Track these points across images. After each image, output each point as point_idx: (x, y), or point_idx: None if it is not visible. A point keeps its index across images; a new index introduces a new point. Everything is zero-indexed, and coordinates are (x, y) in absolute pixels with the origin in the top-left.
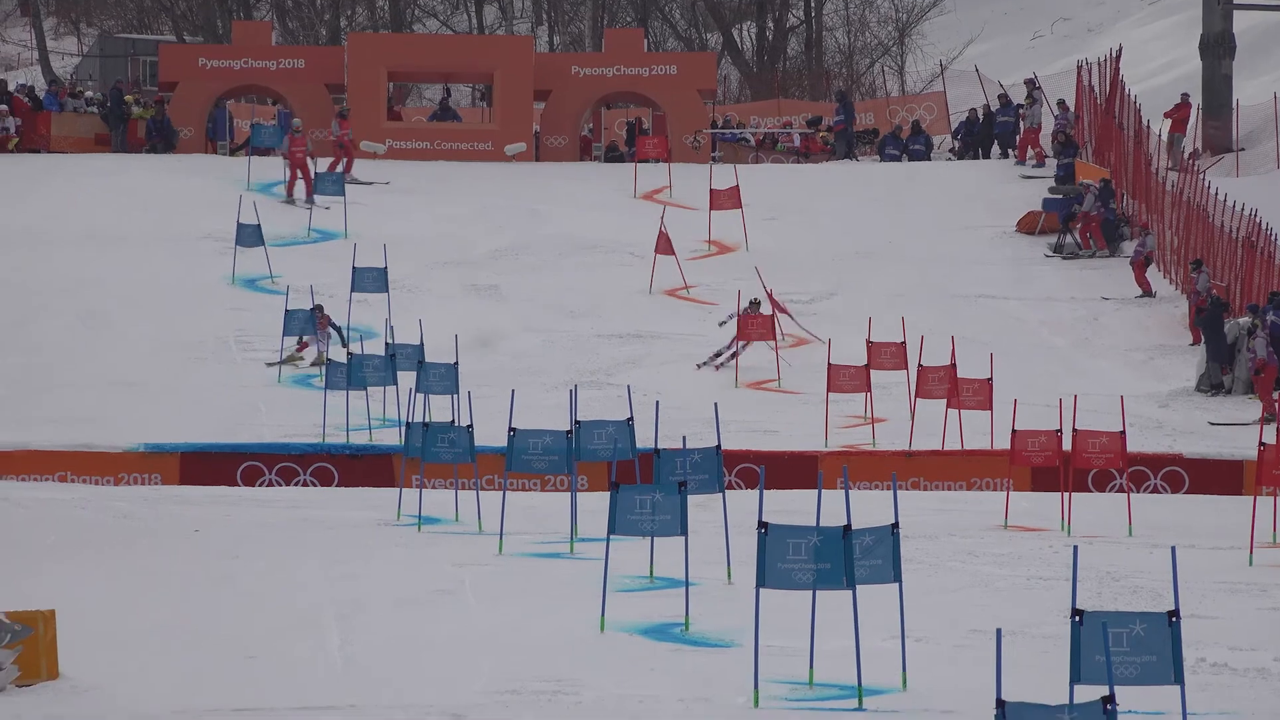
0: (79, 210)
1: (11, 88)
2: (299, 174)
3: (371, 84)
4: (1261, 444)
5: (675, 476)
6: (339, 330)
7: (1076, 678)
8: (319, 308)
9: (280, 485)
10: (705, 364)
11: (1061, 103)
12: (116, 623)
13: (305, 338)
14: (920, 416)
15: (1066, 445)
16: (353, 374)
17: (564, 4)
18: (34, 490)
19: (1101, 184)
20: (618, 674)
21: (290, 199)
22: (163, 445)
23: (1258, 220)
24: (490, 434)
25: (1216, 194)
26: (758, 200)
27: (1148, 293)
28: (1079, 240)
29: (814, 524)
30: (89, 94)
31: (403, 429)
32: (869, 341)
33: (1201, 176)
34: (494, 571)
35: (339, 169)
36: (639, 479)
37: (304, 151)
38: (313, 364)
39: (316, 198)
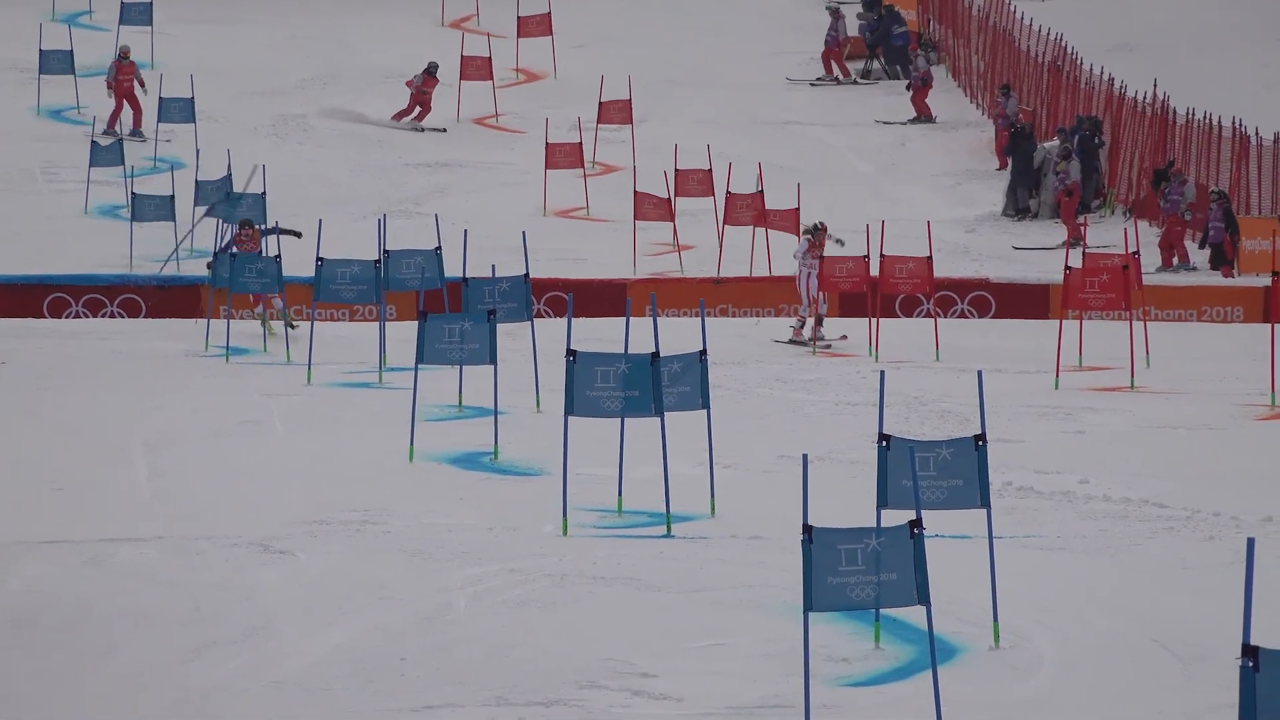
0: None
1: None
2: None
3: None
4: (1067, 268)
5: (484, 305)
6: (275, 232)
7: (884, 502)
8: (248, 224)
9: (87, 317)
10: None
11: None
12: None
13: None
14: (728, 243)
15: (874, 271)
16: (160, 206)
17: None
18: None
19: (887, 10)
20: (426, 503)
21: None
22: None
23: (1063, 45)
24: (298, 264)
25: (1022, 18)
26: (567, 27)
27: (925, 117)
28: (827, 69)
29: (622, 351)
30: None
31: (210, 260)
32: (676, 169)
33: (1007, 1)
34: (302, 402)
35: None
36: (447, 308)
37: (131, 81)
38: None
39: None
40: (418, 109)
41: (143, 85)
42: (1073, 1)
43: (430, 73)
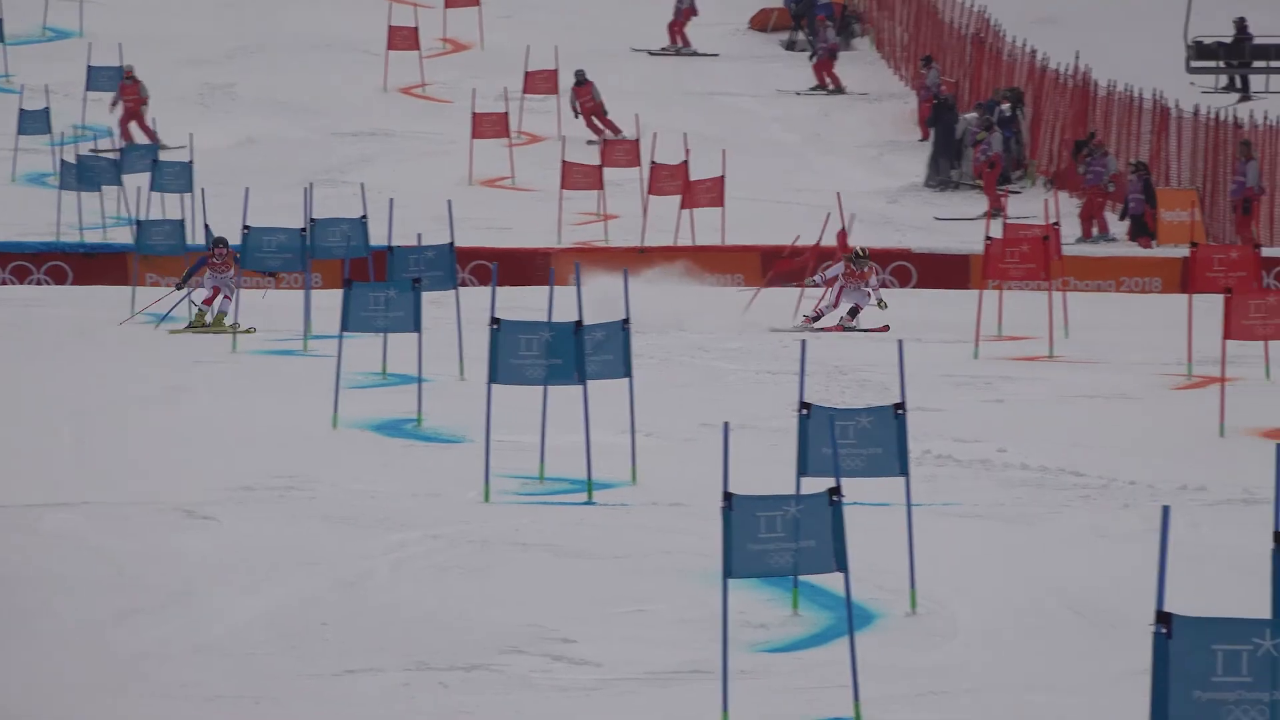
0: None
1: None
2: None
3: None
4: (988, 238)
5: (409, 273)
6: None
7: (804, 470)
8: (221, 242)
9: (14, 284)
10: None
11: None
12: None
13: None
14: (653, 213)
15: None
16: (85, 174)
17: None
18: None
19: None
20: (351, 469)
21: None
22: None
23: (986, 17)
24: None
25: None
26: None
27: (825, 87)
28: (671, 40)
29: (546, 320)
30: None
31: (134, 226)
32: (603, 139)
33: None
34: (228, 368)
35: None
36: (372, 276)
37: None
38: (227, 325)
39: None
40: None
41: (145, 103)
42: None
43: (578, 83)
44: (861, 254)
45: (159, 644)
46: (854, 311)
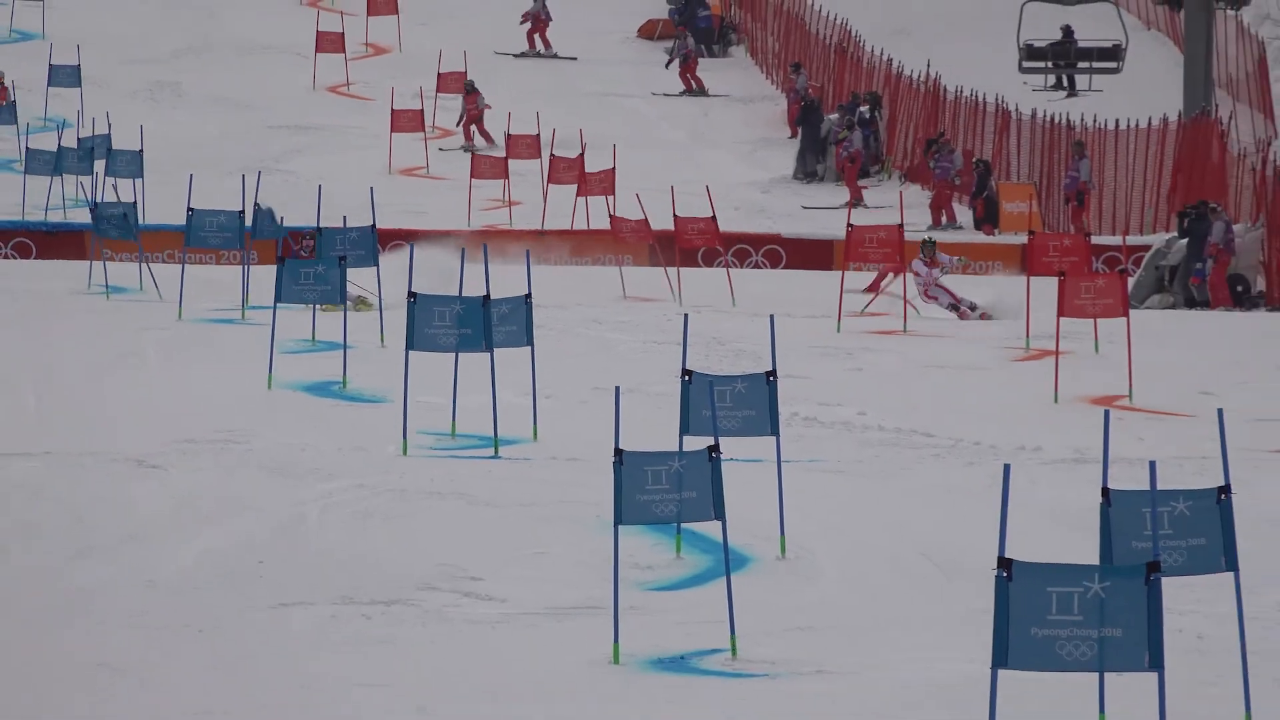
0: None
1: None
2: None
3: None
4: (849, 225)
5: (335, 251)
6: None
7: (686, 429)
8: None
9: None
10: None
11: None
12: None
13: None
14: (552, 201)
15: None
16: (60, 161)
17: None
18: None
19: None
20: (283, 426)
21: None
22: None
23: (848, 29)
24: (172, 214)
25: (813, 4)
26: (412, 6)
27: (689, 90)
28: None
29: (457, 294)
30: None
31: (93, 209)
32: (508, 134)
33: None
34: (174, 335)
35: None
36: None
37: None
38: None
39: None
40: (472, 127)
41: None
42: None
43: (467, 91)
44: (930, 242)
45: (110, 579)
46: (973, 306)
